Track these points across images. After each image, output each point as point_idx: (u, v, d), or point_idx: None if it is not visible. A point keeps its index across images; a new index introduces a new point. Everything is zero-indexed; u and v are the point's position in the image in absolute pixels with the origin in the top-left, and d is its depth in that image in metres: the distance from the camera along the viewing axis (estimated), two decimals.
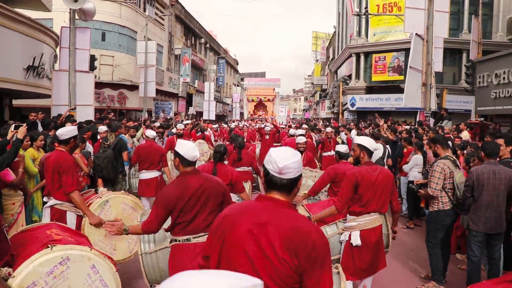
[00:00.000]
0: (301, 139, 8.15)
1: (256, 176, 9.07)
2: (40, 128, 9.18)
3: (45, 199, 4.69)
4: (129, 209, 5.08)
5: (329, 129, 11.33)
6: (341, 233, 4.37)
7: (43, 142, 6.59)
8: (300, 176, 2.07)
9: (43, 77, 12.26)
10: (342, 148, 5.98)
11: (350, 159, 5.42)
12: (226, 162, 5.86)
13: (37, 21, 11.82)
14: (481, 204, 4.63)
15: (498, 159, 5.03)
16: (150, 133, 7.96)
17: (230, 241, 1.96)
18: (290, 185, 2.03)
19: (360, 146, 4.25)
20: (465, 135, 10.81)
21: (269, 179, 2.04)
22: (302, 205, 5.24)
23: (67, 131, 4.70)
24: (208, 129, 15.00)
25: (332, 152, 9.56)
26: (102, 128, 8.34)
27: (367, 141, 4.27)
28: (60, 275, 2.98)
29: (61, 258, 3.00)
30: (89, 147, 7.65)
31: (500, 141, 5.39)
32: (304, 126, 12.44)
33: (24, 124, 5.37)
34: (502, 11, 25.50)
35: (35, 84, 11.82)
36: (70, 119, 9.20)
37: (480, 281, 4.80)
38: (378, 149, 4.32)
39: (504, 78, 13.20)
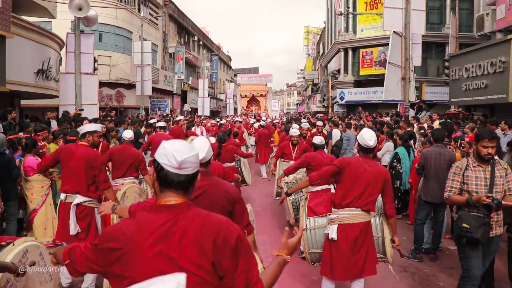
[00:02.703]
0: (295, 132, 8.31)
1: (241, 170, 8.62)
2: (53, 126, 10.20)
3: (62, 196, 4.69)
4: (138, 196, 5.60)
5: (304, 125, 10.45)
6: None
7: (62, 140, 7.66)
8: (197, 173, 1.85)
9: (51, 79, 13.33)
10: (317, 140, 6.31)
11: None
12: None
13: (44, 28, 12.88)
14: (429, 179, 5.81)
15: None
16: (126, 133, 6.66)
17: (133, 261, 1.68)
18: (188, 182, 1.80)
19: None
20: (437, 124, 12.01)
21: (164, 175, 1.78)
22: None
23: (89, 127, 4.88)
24: (201, 126, 15.99)
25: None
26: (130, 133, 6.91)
27: (359, 136, 4.12)
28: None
29: (23, 251, 3.04)
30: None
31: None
32: (319, 122, 12.87)
33: None
34: (482, 6, 26.66)
35: (44, 86, 12.89)
36: (80, 117, 10.29)
37: (424, 238, 6.01)
38: (368, 144, 3.84)
39: (472, 71, 14.33)
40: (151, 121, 14.34)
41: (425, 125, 11.32)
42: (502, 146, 7.17)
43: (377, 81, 28.73)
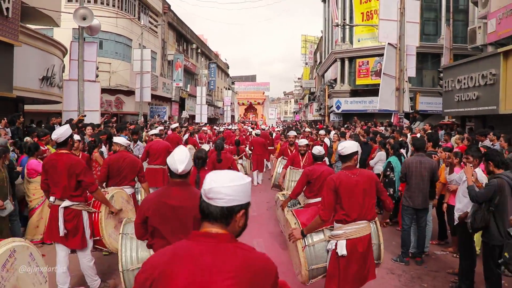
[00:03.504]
0: (303, 142, 8.55)
1: None
2: None
3: (51, 199, 4.75)
4: (125, 202, 5.57)
5: (292, 133, 10.93)
6: (328, 241, 4.15)
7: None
8: (240, 208, 1.71)
9: (54, 86, 13.67)
10: (316, 150, 6.16)
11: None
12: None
13: (49, 36, 13.25)
14: (410, 186, 6.20)
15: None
16: (121, 140, 6.31)
17: None
18: (222, 215, 1.68)
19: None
20: None
21: (200, 204, 1.73)
22: (291, 211, 4.97)
23: (62, 132, 4.67)
24: (195, 133, 16.22)
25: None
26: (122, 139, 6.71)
27: (339, 146, 4.15)
28: (11, 268, 3.05)
29: (10, 251, 3.05)
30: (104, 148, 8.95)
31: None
32: (322, 131, 13.27)
33: None
34: (476, 18, 27.20)
35: (47, 92, 13.23)
36: (81, 123, 10.60)
37: (410, 243, 6.36)
38: (343, 151, 3.96)
39: (464, 83, 14.75)
40: (173, 126, 14.61)
41: (418, 135, 11.68)
42: None
43: (373, 90, 29.05)
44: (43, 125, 10.09)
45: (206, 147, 13.82)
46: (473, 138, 9.89)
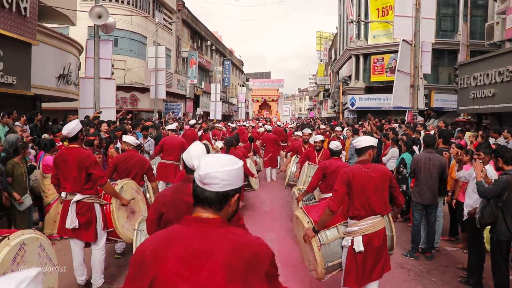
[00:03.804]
0: (318, 138, 8.71)
1: (247, 175, 8.82)
2: None
3: (63, 194, 4.82)
4: (135, 192, 5.60)
5: (307, 131, 10.98)
6: (342, 238, 4.16)
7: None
8: (235, 192, 1.71)
9: (71, 84, 13.95)
10: (333, 145, 6.27)
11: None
12: None
13: (65, 35, 13.51)
14: (419, 182, 6.23)
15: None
16: (130, 139, 6.36)
17: (157, 285, 1.55)
18: (217, 200, 1.67)
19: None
20: None
21: (193, 190, 1.72)
22: (301, 208, 4.95)
23: (73, 127, 4.70)
24: (208, 130, 16.37)
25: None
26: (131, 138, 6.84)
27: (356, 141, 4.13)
28: (21, 261, 3.07)
29: (19, 244, 3.07)
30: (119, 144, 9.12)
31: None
32: (338, 128, 13.36)
33: None
34: (496, 13, 26.79)
35: (64, 90, 13.51)
36: (98, 120, 10.80)
37: (420, 238, 6.39)
38: (357, 145, 3.95)
39: (480, 80, 14.60)
40: (191, 122, 15.03)
41: (432, 132, 11.63)
42: None
43: (388, 87, 28.78)
44: (61, 122, 10.29)
45: (219, 144, 13.90)
46: (487, 136, 9.84)
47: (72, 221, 4.67)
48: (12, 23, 9.57)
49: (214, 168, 1.65)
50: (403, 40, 15.48)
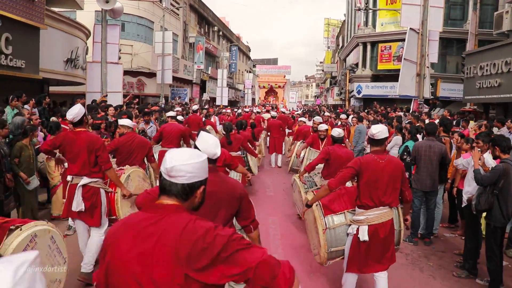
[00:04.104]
0: (323, 127, 8.69)
1: (247, 160, 9.02)
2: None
3: (68, 178, 4.84)
4: (141, 180, 5.64)
5: (318, 119, 10.73)
6: (349, 225, 4.20)
7: (92, 120, 8.27)
8: (200, 183, 1.78)
9: (78, 68, 14.10)
10: (336, 132, 6.37)
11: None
12: None
13: (73, 19, 13.61)
14: (420, 169, 6.36)
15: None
16: (126, 122, 6.36)
17: (114, 267, 1.65)
18: (183, 192, 1.74)
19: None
20: None
21: (160, 182, 1.78)
22: (312, 191, 4.97)
23: (77, 112, 4.70)
24: (214, 115, 16.50)
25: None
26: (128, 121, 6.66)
27: (371, 129, 4.12)
28: None
29: (31, 236, 3.09)
30: None
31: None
32: (343, 115, 13.30)
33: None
34: (506, 2, 26.43)
35: (72, 74, 13.67)
36: (105, 104, 10.95)
37: (420, 224, 6.52)
38: (377, 135, 3.91)
39: (487, 70, 14.57)
40: (194, 107, 15.14)
41: (436, 121, 11.68)
42: None
43: (395, 76, 28.45)
44: (70, 104, 10.47)
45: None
46: (491, 125, 9.89)
47: (78, 204, 4.71)
48: (20, 7, 9.68)
49: (180, 161, 1.71)
50: (410, 28, 15.42)
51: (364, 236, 3.89)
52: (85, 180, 4.74)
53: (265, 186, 10.41)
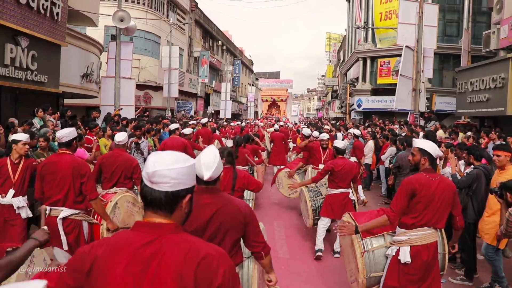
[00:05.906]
0: (324, 136, 8.73)
1: (253, 175, 8.81)
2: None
3: (45, 207, 4.10)
4: (131, 206, 5.29)
5: (325, 136, 9.22)
6: (388, 247, 3.90)
7: (111, 132, 9.05)
8: (186, 192, 1.60)
9: (93, 82, 14.97)
10: (340, 144, 6.48)
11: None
12: None
13: (89, 36, 14.53)
14: (403, 177, 7.11)
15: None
16: (120, 137, 5.79)
17: None
18: (167, 201, 1.56)
19: (421, 151, 3.76)
20: (440, 133, 13.22)
21: (141, 190, 1.61)
22: (348, 213, 4.57)
23: (68, 132, 4.40)
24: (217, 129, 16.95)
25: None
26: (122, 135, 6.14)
27: (429, 146, 3.77)
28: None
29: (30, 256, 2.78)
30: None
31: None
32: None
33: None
34: (492, 23, 27.52)
35: (87, 88, 14.53)
36: (118, 117, 11.77)
37: None
38: (440, 155, 3.76)
39: (476, 85, 15.45)
40: (203, 120, 15.42)
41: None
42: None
43: (394, 90, 28.66)
44: (83, 116, 11.24)
45: (230, 143, 14.57)
46: (478, 137, 10.69)
47: (65, 241, 4.21)
48: (46, 26, 10.55)
49: (163, 165, 1.55)
50: (406, 46, 16.26)
51: (405, 257, 3.59)
52: (65, 212, 4.25)
53: (268, 195, 11.11)
